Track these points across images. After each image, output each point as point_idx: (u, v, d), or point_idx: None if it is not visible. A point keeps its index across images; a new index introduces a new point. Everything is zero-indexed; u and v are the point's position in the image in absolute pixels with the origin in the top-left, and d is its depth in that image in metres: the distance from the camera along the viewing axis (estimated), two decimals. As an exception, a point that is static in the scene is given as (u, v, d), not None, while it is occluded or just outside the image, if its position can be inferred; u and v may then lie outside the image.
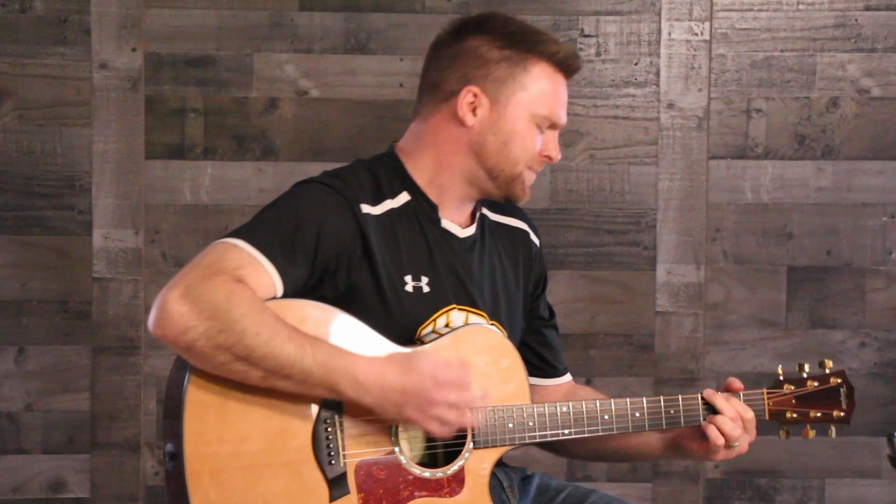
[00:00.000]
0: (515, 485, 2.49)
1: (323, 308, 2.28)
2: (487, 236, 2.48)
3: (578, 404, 2.38)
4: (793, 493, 3.79)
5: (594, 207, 3.75)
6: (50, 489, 3.70)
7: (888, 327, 3.78)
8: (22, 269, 3.67)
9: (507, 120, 2.37)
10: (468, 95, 2.36)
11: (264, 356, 2.17)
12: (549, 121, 2.40)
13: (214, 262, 2.22)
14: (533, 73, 2.37)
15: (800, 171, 3.77)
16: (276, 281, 2.24)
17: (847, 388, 2.51)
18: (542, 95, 2.38)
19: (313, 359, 2.19)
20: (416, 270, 2.36)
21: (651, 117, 3.74)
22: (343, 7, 3.68)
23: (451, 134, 2.38)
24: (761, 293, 3.77)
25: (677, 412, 2.42)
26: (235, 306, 2.17)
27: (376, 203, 2.35)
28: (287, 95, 3.68)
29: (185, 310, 2.16)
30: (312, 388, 2.21)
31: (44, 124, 3.66)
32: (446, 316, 2.37)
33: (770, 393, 2.47)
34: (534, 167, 2.42)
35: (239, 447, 2.21)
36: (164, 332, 2.18)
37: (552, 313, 2.62)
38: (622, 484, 3.74)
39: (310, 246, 2.27)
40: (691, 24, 3.72)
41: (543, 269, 2.59)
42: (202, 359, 2.18)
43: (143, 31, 3.65)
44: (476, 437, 2.32)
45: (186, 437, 2.19)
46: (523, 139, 2.38)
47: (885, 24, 3.74)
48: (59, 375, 3.69)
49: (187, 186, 3.69)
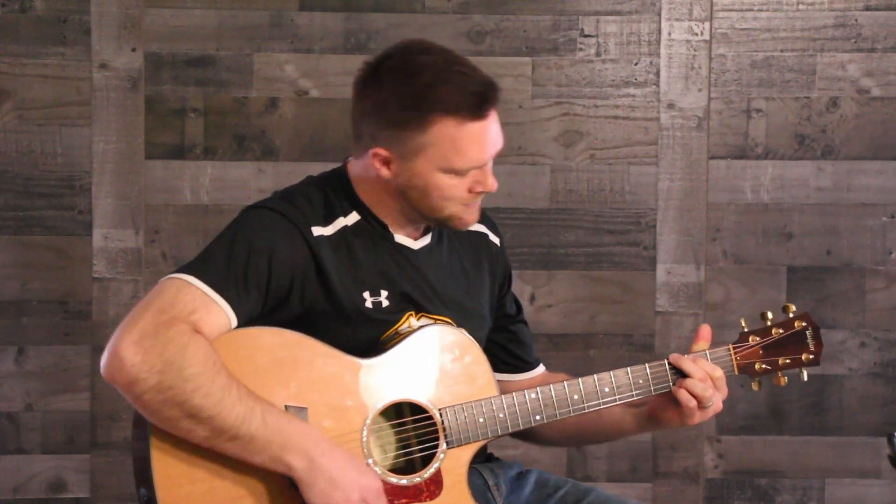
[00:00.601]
0: (503, 482, 2.49)
1: (276, 332, 2.28)
2: (445, 242, 2.48)
3: (546, 388, 2.37)
4: (793, 493, 3.79)
5: (594, 207, 3.75)
6: (50, 489, 3.70)
7: (888, 327, 3.78)
8: (22, 269, 3.67)
9: (419, 176, 2.32)
10: (377, 157, 2.33)
11: (212, 416, 2.18)
12: (463, 169, 2.32)
13: (168, 305, 2.21)
14: (433, 133, 2.29)
15: (800, 171, 3.77)
16: (230, 317, 2.25)
17: (813, 329, 2.47)
18: (450, 151, 2.30)
19: (262, 421, 2.20)
20: (374, 286, 2.36)
21: (651, 117, 3.74)
22: (343, 7, 3.68)
23: (379, 179, 2.36)
24: (761, 293, 3.77)
25: (646, 381, 2.41)
26: (188, 364, 2.17)
27: (328, 223, 2.35)
28: (287, 95, 3.68)
29: (137, 360, 2.16)
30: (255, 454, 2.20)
31: (44, 124, 3.65)
32: (407, 323, 2.38)
33: (736, 347, 2.44)
34: (467, 202, 2.37)
35: (211, 484, 2.21)
36: (113, 379, 2.18)
37: (520, 308, 2.61)
38: (622, 484, 3.74)
39: (262, 275, 2.27)
40: (691, 24, 3.72)
41: (507, 267, 2.58)
42: (150, 411, 2.19)
43: (143, 31, 3.65)
44: (448, 436, 2.32)
45: (157, 482, 2.19)
46: (440, 191, 2.33)
47: (885, 24, 3.74)
48: (59, 375, 3.69)
49: (187, 186, 3.69)
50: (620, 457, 3.76)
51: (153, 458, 2.20)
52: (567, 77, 3.72)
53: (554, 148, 3.72)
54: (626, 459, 3.77)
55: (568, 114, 3.73)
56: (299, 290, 2.30)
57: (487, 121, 2.32)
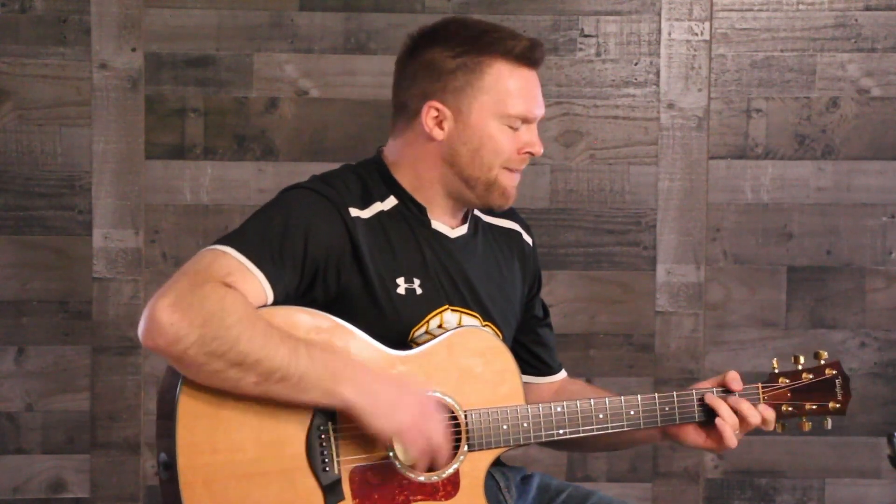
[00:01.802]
0: (513, 485, 2.49)
1: (313, 314, 2.27)
2: (480, 236, 2.48)
3: (573, 404, 2.37)
4: (793, 493, 3.79)
5: (594, 207, 3.75)
6: (50, 489, 3.70)
7: (888, 327, 3.78)
8: (22, 269, 3.67)
9: (474, 128, 2.35)
10: (430, 111, 2.36)
11: (258, 360, 2.17)
12: (519, 118, 2.37)
13: (203, 269, 2.21)
14: (490, 75, 2.35)
15: (800, 171, 3.77)
16: (265, 288, 2.24)
17: (843, 379, 2.49)
18: (505, 95, 2.36)
19: (309, 358, 2.19)
20: (408, 272, 2.35)
21: (651, 117, 3.74)
22: (343, 7, 3.68)
23: (424, 149, 2.38)
24: (761, 293, 3.77)
25: (672, 409, 2.42)
26: (228, 313, 2.16)
27: (365, 206, 2.35)
28: (287, 95, 3.69)
29: (176, 318, 2.15)
30: (308, 392, 2.20)
31: (44, 124, 3.66)
32: (440, 317, 2.37)
33: (765, 387, 2.46)
34: (513, 166, 2.39)
35: (232, 456, 2.20)
36: (154, 343, 2.16)
37: (546, 312, 2.62)
38: (622, 484, 3.74)
39: (298, 252, 2.27)
40: (691, 24, 3.72)
41: (538, 268, 2.59)
42: (195, 368, 2.17)
43: (143, 31, 3.65)
44: (470, 439, 2.32)
45: (179, 447, 2.18)
46: (494, 142, 2.36)
47: (885, 24, 3.74)
48: (59, 375, 3.69)
49: (187, 186, 3.69)
50: (620, 457, 3.76)
51: (178, 424, 2.18)
52: (567, 77, 3.73)
53: (554, 148, 3.72)
54: (626, 459, 3.77)
55: (568, 114, 3.73)
56: (335, 269, 2.29)
57: (536, 73, 2.39)
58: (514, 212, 2.57)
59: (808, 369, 2.48)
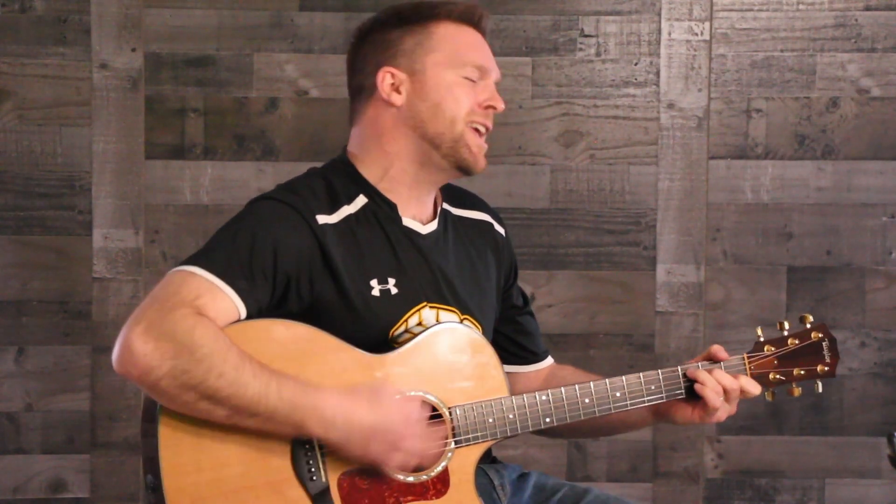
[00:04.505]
0: (507, 483, 2.49)
1: (288, 324, 2.27)
2: (451, 230, 2.47)
3: (558, 391, 2.37)
4: (793, 493, 3.79)
5: (594, 207, 3.75)
6: (50, 489, 3.70)
7: (888, 327, 3.78)
8: (22, 269, 3.67)
9: (430, 84, 2.38)
10: (386, 77, 2.38)
11: (229, 395, 2.16)
12: (475, 69, 2.39)
13: (172, 294, 2.21)
14: (437, 33, 2.39)
15: (800, 171, 3.77)
16: (237, 305, 2.23)
17: (829, 341, 2.46)
18: (455, 49, 2.39)
19: (279, 396, 2.18)
20: (382, 273, 2.35)
21: (651, 117, 3.74)
22: (343, 7, 3.68)
23: (386, 120, 2.39)
24: (761, 293, 3.77)
25: (658, 388, 2.42)
26: (198, 346, 2.16)
27: (332, 211, 2.34)
28: (287, 95, 3.69)
29: (149, 349, 2.15)
30: (278, 427, 2.20)
31: (44, 124, 3.66)
32: (418, 314, 2.37)
33: (751, 357, 2.43)
34: (477, 121, 2.39)
35: (218, 473, 2.20)
36: (127, 371, 2.17)
37: (526, 300, 2.61)
38: (622, 484, 3.74)
39: (268, 265, 2.26)
40: (691, 24, 3.72)
41: (513, 257, 2.59)
42: (167, 398, 2.17)
43: (143, 31, 3.65)
44: (457, 435, 2.31)
45: (164, 470, 2.18)
46: (453, 94, 2.37)
47: (885, 24, 3.74)
48: (59, 375, 3.69)
49: (187, 186, 3.69)
50: (620, 457, 3.76)
51: (161, 446, 2.19)
52: (567, 77, 3.73)
53: (554, 148, 3.72)
54: (626, 459, 3.77)
55: (568, 114, 3.73)
56: (307, 279, 2.29)
57: (482, 36, 2.43)
58: (484, 202, 2.57)
59: (794, 334, 2.45)
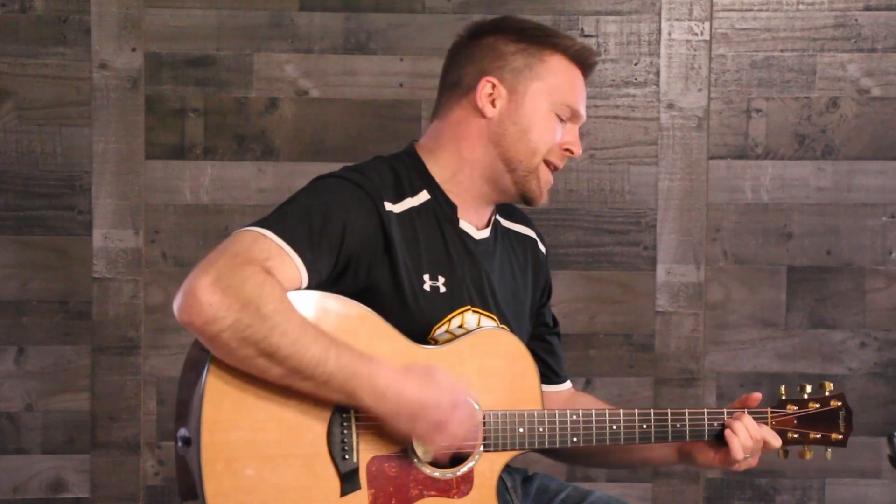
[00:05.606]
0: (518, 485, 2.50)
1: (343, 301, 2.27)
2: (500, 241, 2.49)
3: (588, 412, 2.38)
4: (793, 493, 3.80)
5: (594, 207, 3.75)
6: (50, 489, 3.70)
7: (888, 327, 3.78)
8: (22, 269, 3.67)
9: (526, 109, 2.39)
10: (486, 86, 2.39)
11: (288, 355, 2.16)
12: (569, 110, 2.42)
13: (244, 250, 2.19)
14: (549, 63, 2.41)
15: (800, 171, 3.77)
16: (302, 273, 2.23)
17: (846, 412, 2.53)
18: (560, 85, 2.41)
19: (337, 362, 2.18)
20: (434, 270, 2.35)
21: (651, 117, 3.74)
22: (343, 7, 3.68)
23: (472, 127, 2.40)
24: (761, 293, 3.77)
25: (683, 426, 2.43)
26: (265, 301, 2.14)
27: (397, 201, 2.35)
28: (287, 95, 3.69)
29: (216, 299, 2.13)
30: (330, 393, 2.20)
31: (44, 124, 3.66)
32: (461, 317, 2.37)
33: (774, 412, 2.50)
34: (553, 160, 2.42)
35: (254, 435, 2.20)
36: (190, 319, 2.14)
37: (556, 322, 2.63)
38: (622, 484, 3.74)
39: (335, 240, 2.26)
40: (691, 24, 3.72)
41: (548, 277, 2.61)
42: (225, 350, 2.16)
43: (143, 31, 3.65)
44: (487, 439, 2.32)
45: (204, 424, 2.17)
46: (542, 127, 2.39)
47: (885, 24, 3.74)
48: (59, 375, 3.69)
49: (187, 186, 3.69)
50: (620, 457, 3.76)
51: (206, 399, 2.17)
52: (567, 77, 3.72)
53: (554, 148, 3.72)
54: (626, 459, 3.77)
55: (568, 114, 3.73)
56: (367, 262, 2.29)
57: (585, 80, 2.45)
58: (530, 220, 2.60)
59: (815, 398, 2.52)
